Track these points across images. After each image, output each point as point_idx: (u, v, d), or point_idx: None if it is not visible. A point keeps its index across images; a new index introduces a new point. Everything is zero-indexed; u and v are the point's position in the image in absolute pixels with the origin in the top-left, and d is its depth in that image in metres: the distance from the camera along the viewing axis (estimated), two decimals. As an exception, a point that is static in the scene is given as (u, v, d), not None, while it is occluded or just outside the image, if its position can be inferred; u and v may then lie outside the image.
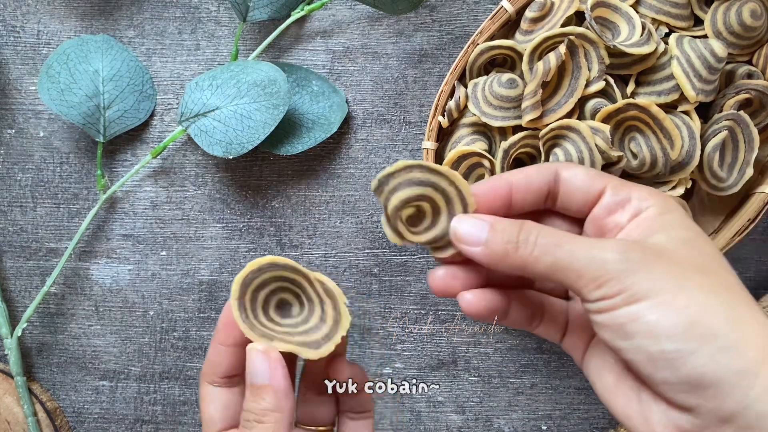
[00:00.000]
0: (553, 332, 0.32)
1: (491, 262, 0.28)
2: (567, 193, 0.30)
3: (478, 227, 0.29)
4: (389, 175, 0.29)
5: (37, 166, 0.49)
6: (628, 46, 0.40)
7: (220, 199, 0.48)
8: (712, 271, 0.27)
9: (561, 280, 0.27)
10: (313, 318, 0.30)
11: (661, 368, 0.25)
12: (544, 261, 0.27)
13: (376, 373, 0.48)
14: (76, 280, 0.49)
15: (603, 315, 0.26)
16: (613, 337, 0.26)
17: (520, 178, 0.30)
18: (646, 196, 0.29)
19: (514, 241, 0.28)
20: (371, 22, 0.49)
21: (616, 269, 0.26)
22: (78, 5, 0.49)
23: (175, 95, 0.49)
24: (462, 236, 0.29)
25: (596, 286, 0.26)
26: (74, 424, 0.49)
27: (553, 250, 0.27)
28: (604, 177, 0.30)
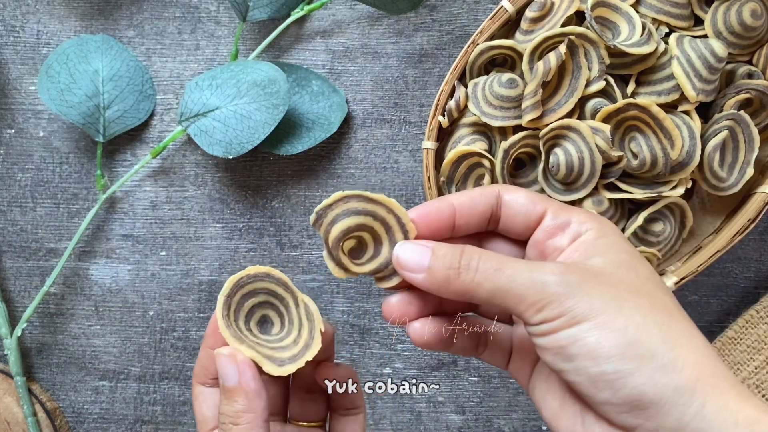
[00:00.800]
0: (499, 358, 0.32)
1: (434, 288, 0.28)
2: (509, 216, 0.30)
3: (419, 253, 0.29)
4: (327, 207, 0.30)
5: (37, 166, 0.49)
6: (629, 46, 0.40)
7: (220, 199, 0.48)
8: (648, 292, 0.27)
9: (502, 304, 0.27)
10: (288, 338, 0.31)
11: (602, 389, 0.25)
12: (485, 286, 0.27)
13: (376, 373, 0.48)
14: (75, 280, 0.48)
15: (544, 338, 0.26)
16: (555, 359, 0.26)
17: (463, 201, 0.30)
18: (585, 219, 0.29)
19: (456, 266, 0.28)
20: (371, 22, 0.49)
21: (555, 292, 0.26)
22: (78, 5, 0.49)
23: (174, 95, 0.49)
24: (404, 263, 0.29)
25: (537, 310, 0.26)
26: (74, 425, 0.49)
27: (493, 275, 0.27)
28: (545, 201, 0.30)
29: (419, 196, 0.48)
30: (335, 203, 0.30)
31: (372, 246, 0.31)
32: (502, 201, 0.30)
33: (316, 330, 0.30)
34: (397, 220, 0.30)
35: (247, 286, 0.30)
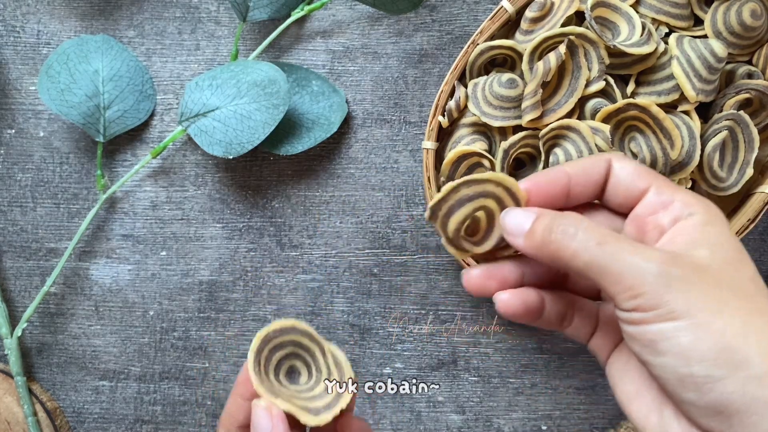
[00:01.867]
0: (583, 333, 0.32)
1: (532, 251, 0.28)
2: (612, 185, 0.29)
3: (522, 218, 0.28)
4: (440, 201, 0.30)
5: (37, 166, 0.49)
6: (628, 46, 0.40)
7: (220, 199, 0.48)
8: (750, 295, 0.26)
9: (596, 280, 0.26)
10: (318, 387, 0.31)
11: (688, 390, 0.24)
12: (582, 257, 0.26)
13: (376, 373, 0.48)
14: (76, 280, 0.49)
15: (634, 327, 0.25)
16: (643, 351, 0.25)
17: (577, 170, 0.29)
18: (690, 201, 0.28)
19: (556, 231, 0.27)
20: (371, 22, 0.49)
21: (655, 281, 0.25)
22: (78, 5, 0.49)
23: (175, 95, 0.49)
24: (507, 227, 0.29)
25: (631, 296, 0.25)
26: (74, 424, 0.49)
27: (594, 248, 0.26)
28: (651, 175, 0.29)
29: (419, 196, 0.48)
30: (446, 195, 0.30)
31: (485, 223, 0.31)
32: (611, 168, 0.29)
33: (347, 378, 0.31)
34: (507, 191, 0.30)
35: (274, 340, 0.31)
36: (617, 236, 0.27)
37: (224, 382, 0.48)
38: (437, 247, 0.48)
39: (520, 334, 0.48)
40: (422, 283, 0.48)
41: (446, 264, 0.48)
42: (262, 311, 0.48)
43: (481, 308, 0.48)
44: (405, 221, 0.48)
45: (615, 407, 0.48)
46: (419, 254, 0.48)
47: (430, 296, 0.48)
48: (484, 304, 0.48)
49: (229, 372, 0.48)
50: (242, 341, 0.48)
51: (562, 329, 0.32)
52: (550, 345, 0.48)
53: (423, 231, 0.48)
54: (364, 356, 0.48)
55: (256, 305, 0.48)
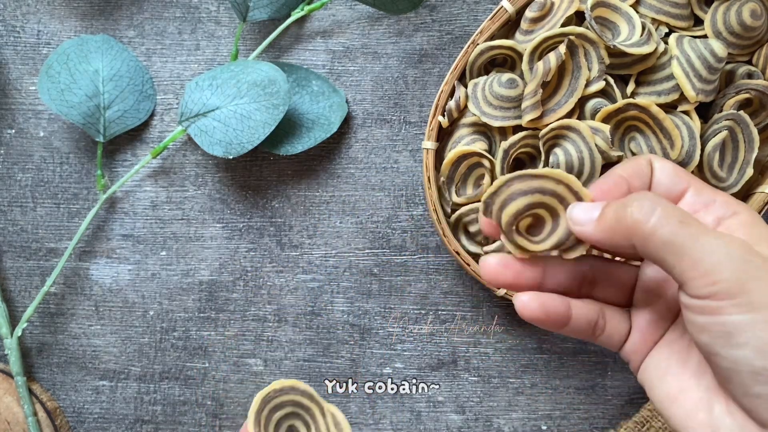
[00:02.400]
0: (615, 341, 0.30)
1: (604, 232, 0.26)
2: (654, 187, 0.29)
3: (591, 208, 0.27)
4: (493, 194, 0.29)
5: (37, 166, 0.49)
6: (628, 46, 0.40)
7: (220, 199, 0.48)
8: None
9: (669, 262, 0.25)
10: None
11: (761, 383, 0.24)
12: (661, 235, 0.25)
13: (376, 373, 0.48)
14: (76, 280, 0.49)
15: (706, 317, 0.24)
16: (713, 343, 0.24)
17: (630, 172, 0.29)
18: (731, 201, 0.28)
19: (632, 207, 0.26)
20: (371, 22, 0.49)
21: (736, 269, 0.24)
22: (78, 5, 0.49)
23: (175, 95, 0.49)
24: (575, 218, 0.28)
25: (710, 282, 0.24)
26: (74, 424, 0.49)
27: (675, 225, 0.25)
28: (689, 176, 0.29)
29: (419, 196, 0.48)
30: (499, 189, 0.29)
31: (550, 220, 0.30)
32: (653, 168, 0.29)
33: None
34: (568, 189, 0.29)
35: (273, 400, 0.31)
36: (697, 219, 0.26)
37: (224, 382, 0.48)
38: (437, 247, 0.48)
39: (520, 334, 0.48)
40: (422, 283, 0.48)
41: (446, 264, 0.48)
42: (262, 311, 0.48)
43: (481, 308, 0.48)
44: (405, 221, 0.48)
45: (615, 407, 0.48)
46: (419, 254, 0.48)
47: (430, 296, 0.48)
48: (484, 304, 0.48)
49: (229, 372, 0.48)
50: (242, 341, 0.48)
51: (594, 339, 0.30)
52: (550, 345, 0.48)
53: (423, 231, 0.48)
54: (364, 356, 0.48)
55: (256, 305, 0.48)
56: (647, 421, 0.46)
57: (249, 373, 0.48)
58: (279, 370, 0.48)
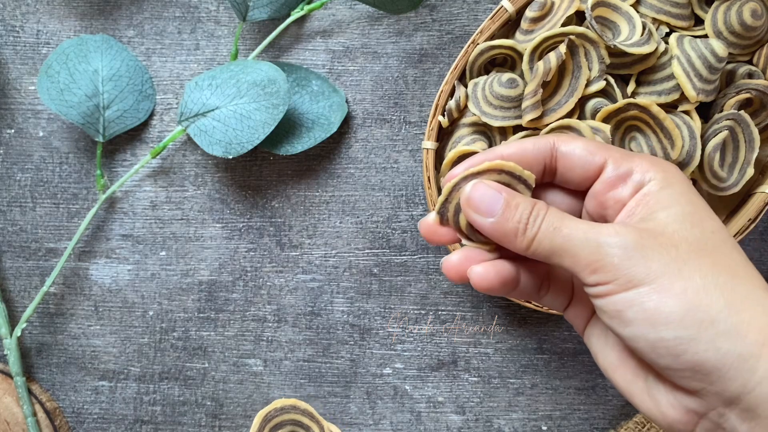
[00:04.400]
0: (559, 303, 0.31)
1: (498, 236, 0.28)
2: (566, 169, 0.29)
3: (492, 197, 0.28)
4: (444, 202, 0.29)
5: (37, 166, 0.49)
6: (629, 46, 0.40)
7: (220, 199, 0.48)
8: (713, 248, 0.26)
9: (559, 264, 0.27)
10: None
11: (662, 356, 0.25)
12: (544, 245, 0.27)
13: (376, 373, 0.48)
14: (75, 280, 0.48)
15: (601, 300, 0.26)
16: (613, 323, 0.26)
17: (512, 153, 0.29)
18: (648, 167, 0.28)
19: (525, 220, 0.27)
20: (371, 21, 0.49)
21: (611, 253, 0.25)
22: (77, 5, 0.49)
23: (174, 95, 0.49)
24: (475, 203, 0.28)
25: (592, 271, 0.26)
26: (74, 425, 0.49)
27: (552, 233, 0.27)
28: (605, 150, 0.29)
29: (419, 195, 0.48)
30: (450, 195, 0.29)
31: None
32: (557, 153, 0.29)
33: None
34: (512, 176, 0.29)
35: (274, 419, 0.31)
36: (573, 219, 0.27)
37: (224, 383, 0.48)
38: (437, 247, 0.48)
39: (520, 335, 0.48)
40: (422, 283, 0.48)
41: (446, 264, 0.48)
42: (261, 311, 0.48)
43: (481, 308, 0.48)
44: (405, 221, 0.48)
45: (615, 407, 0.48)
46: (419, 254, 0.48)
47: (430, 296, 0.48)
48: (484, 304, 0.48)
49: (229, 372, 0.48)
50: (242, 341, 0.48)
51: (538, 299, 0.31)
52: (550, 345, 0.48)
53: (423, 231, 0.48)
54: (364, 356, 0.48)
55: (255, 305, 0.48)
56: (647, 421, 0.46)
57: (249, 373, 0.48)
58: (279, 371, 0.48)
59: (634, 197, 0.28)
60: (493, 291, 0.29)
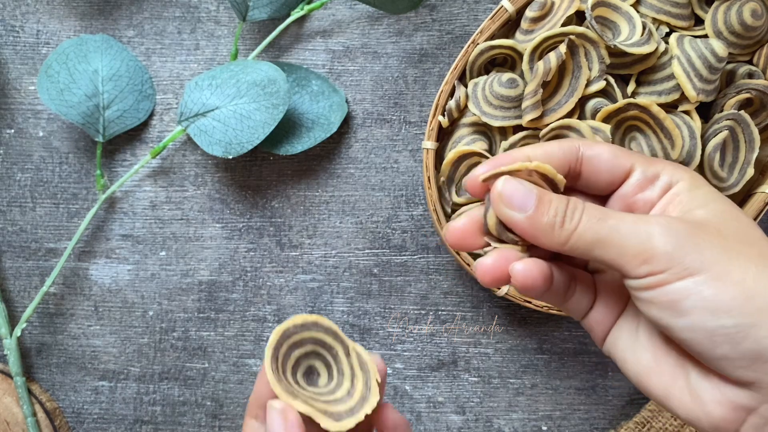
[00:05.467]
0: (583, 306, 0.31)
1: (532, 232, 0.27)
2: (591, 173, 0.29)
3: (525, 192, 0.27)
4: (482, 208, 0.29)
5: (37, 166, 0.49)
6: (629, 46, 0.40)
7: (220, 199, 0.48)
8: (756, 241, 0.26)
9: (602, 256, 0.26)
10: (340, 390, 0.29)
11: (720, 344, 0.24)
12: (586, 237, 0.26)
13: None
14: (75, 281, 0.48)
15: (650, 292, 0.25)
16: (664, 314, 0.25)
17: (538, 155, 0.29)
18: (673, 170, 0.28)
19: (561, 214, 0.27)
20: (371, 21, 0.49)
21: (663, 242, 0.25)
22: (77, 5, 0.49)
23: (174, 95, 0.49)
24: (507, 197, 0.27)
25: (642, 261, 0.25)
26: (74, 425, 0.49)
27: (596, 224, 0.26)
28: (631, 155, 0.29)
29: (419, 196, 0.48)
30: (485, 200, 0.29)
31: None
32: (583, 157, 0.29)
33: (372, 381, 0.29)
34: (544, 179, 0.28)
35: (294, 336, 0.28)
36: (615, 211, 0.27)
37: (224, 383, 0.48)
38: (437, 247, 0.48)
39: (520, 335, 0.48)
40: (422, 283, 0.48)
41: (446, 264, 0.48)
42: (261, 311, 0.48)
43: (481, 308, 0.48)
44: (405, 221, 0.48)
45: (615, 408, 0.48)
46: (419, 254, 0.48)
47: (430, 296, 0.48)
48: (484, 304, 0.48)
49: (229, 372, 0.48)
50: (242, 341, 0.48)
51: (565, 301, 0.30)
52: (550, 345, 0.48)
53: (423, 231, 0.48)
54: (364, 356, 0.48)
55: (255, 305, 0.48)
56: (647, 421, 0.46)
57: (248, 373, 0.48)
58: (279, 371, 0.48)
59: (664, 197, 0.28)
60: (533, 290, 0.28)
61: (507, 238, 0.29)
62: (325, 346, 0.29)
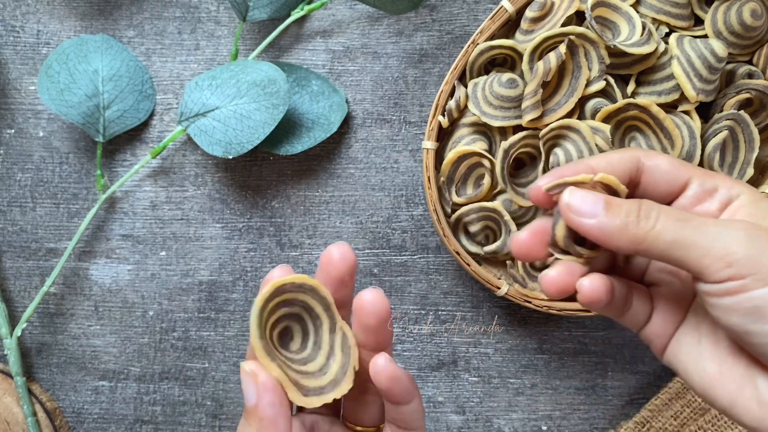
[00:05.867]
0: (640, 319, 0.31)
1: (606, 234, 0.27)
2: (650, 183, 0.29)
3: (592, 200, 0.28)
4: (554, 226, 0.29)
5: (37, 166, 0.49)
6: (629, 46, 0.40)
7: (220, 199, 0.48)
8: None
9: (681, 257, 0.26)
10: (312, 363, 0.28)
11: None
12: (665, 237, 0.26)
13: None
14: (75, 280, 0.48)
15: (731, 297, 0.25)
16: (744, 321, 0.25)
17: (601, 164, 0.29)
18: (732, 184, 0.28)
19: (635, 214, 0.27)
20: (371, 22, 0.49)
21: (747, 247, 0.25)
22: (78, 5, 0.49)
23: (174, 95, 0.49)
24: (576, 207, 0.28)
25: (725, 264, 0.25)
26: (74, 425, 0.49)
27: (676, 225, 0.26)
28: (689, 167, 0.29)
29: (419, 196, 0.48)
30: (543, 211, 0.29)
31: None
32: (643, 166, 0.29)
33: (350, 367, 0.27)
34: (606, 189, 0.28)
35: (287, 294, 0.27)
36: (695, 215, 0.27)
37: (224, 383, 0.48)
38: (437, 247, 0.48)
39: (520, 335, 0.48)
40: (422, 283, 0.48)
41: (446, 264, 0.48)
42: (261, 311, 0.48)
43: (481, 308, 0.48)
44: (405, 221, 0.48)
45: (615, 407, 0.48)
46: (419, 254, 0.48)
47: (430, 296, 0.48)
48: (484, 304, 0.48)
49: (229, 372, 0.48)
50: (242, 341, 0.48)
51: (622, 314, 0.31)
52: (550, 345, 0.48)
53: (423, 231, 0.48)
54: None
55: (255, 305, 0.48)
56: (647, 421, 0.46)
57: (249, 373, 0.48)
58: (279, 371, 0.48)
59: (728, 209, 0.28)
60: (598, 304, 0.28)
61: (573, 251, 0.29)
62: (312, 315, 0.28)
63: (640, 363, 0.48)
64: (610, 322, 0.48)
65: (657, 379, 0.48)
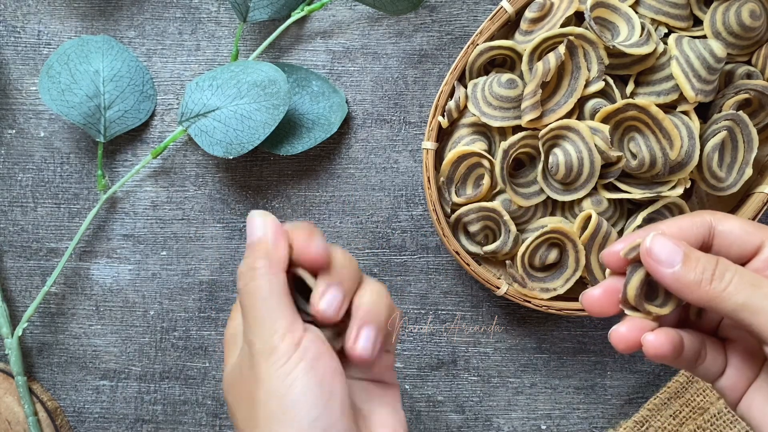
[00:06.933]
0: (713, 371, 0.32)
1: (680, 286, 0.28)
2: (722, 246, 0.30)
3: (672, 249, 0.29)
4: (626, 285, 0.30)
5: (38, 166, 0.49)
6: (628, 47, 0.40)
7: (221, 199, 0.49)
8: None
9: (747, 320, 0.27)
10: None
11: None
12: (736, 299, 0.27)
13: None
14: (76, 280, 0.49)
15: None
16: None
17: (673, 230, 0.30)
18: None
19: (710, 272, 0.28)
20: (371, 22, 0.49)
21: None
22: (78, 6, 0.49)
23: (175, 95, 0.49)
24: (656, 254, 0.29)
25: None
26: (75, 424, 0.49)
27: (748, 289, 0.27)
28: (761, 230, 0.30)
29: (419, 196, 0.48)
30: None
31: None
32: (715, 231, 0.30)
33: None
34: None
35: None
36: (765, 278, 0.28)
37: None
38: (437, 247, 0.48)
39: (519, 334, 0.48)
40: (422, 283, 0.48)
41: (446, 264, 0.48)
42: (262, 311, 0.48)
43: (481, 308, 0.48)
44: (405, 221, 0.48)
45: (614, 407, 0.48)
46: (419, 254, 0.48)
47: (430, 296, 0.48)
48: (484, 304, 0.48)
49: (230, 372, 0.48)
50: (242, 341, 0.48)
51: (695, 367, 0.32)
52: (549, 344, 0.48)
53: (423, 231, 0.48)
54: (364, 356, 0.48)
55: (256, 305, 0.48)
56: (646, 420, 0.46)
57: (249, 372, 0.48)
58: (279, 370, 0.48)
59: None
60: (663, 359, 0.30)
61: (642, 309, 0.30)
62: None
63: (639, 362, 0.48)
64: (609, 322, 0.48)
65: (656, 379, 0.48)
